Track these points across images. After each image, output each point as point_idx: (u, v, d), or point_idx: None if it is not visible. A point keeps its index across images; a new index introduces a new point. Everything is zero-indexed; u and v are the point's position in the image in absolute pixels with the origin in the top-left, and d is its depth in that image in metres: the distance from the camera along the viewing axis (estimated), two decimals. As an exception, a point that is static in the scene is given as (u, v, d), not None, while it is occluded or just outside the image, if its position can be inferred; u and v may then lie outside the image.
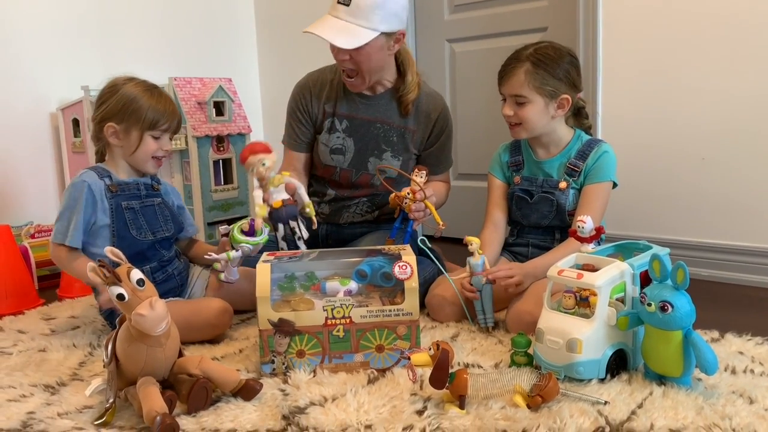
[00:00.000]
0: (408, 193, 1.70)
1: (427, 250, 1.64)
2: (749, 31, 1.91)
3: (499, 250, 1.79)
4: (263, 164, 1.57)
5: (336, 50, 1.78)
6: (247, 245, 1.57)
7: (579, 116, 1.78)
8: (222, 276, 1.64)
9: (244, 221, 1.60)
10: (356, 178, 1.96)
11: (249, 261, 1.74)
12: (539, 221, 1.75)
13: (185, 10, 3.02)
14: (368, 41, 1.73)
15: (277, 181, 1.60)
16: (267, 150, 1.59)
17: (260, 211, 1.58)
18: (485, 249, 1.68)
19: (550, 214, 1.72)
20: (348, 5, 1.71)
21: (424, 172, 1.74)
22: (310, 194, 2.03)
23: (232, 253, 1.58)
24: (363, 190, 1.98)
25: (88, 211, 1.59)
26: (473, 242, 1.58)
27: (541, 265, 1.58)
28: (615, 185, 1.71)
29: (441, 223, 1.70)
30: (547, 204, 1.72)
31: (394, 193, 1.74)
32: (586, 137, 1.74)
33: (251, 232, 1.59)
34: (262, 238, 1.59)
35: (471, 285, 1.60)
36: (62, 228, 1.59)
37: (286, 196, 1.64)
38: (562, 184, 1.70)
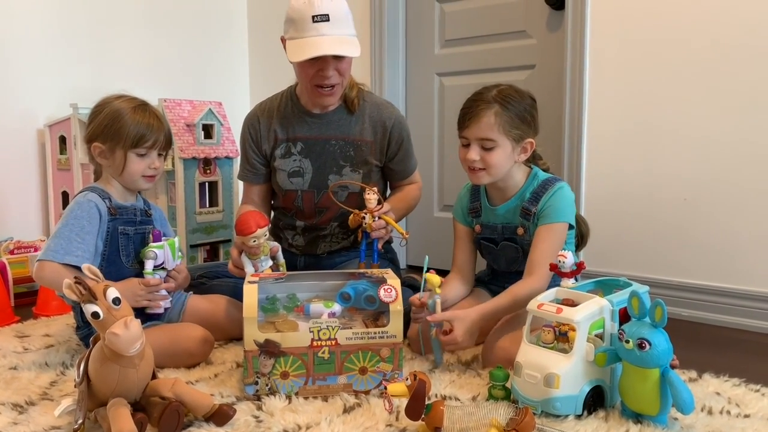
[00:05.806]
0: (365, 214, 1.71)
1: (425, 274, 1.56)
2: (731, 76, 1.96)
3: (461, 295, 1.74)
4: (265, 235, 1.58)
5: (326, 67, 1.75)
6: (152, 250, 1.58)
7: (535, 159, 1.71)
8: None
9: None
10: (319, 199, 1.93)
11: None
12: (509, 266, 1.72)
13: (179, 31, 3.04)
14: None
15: (266, 249, 1.59)
16: (267, 222, 1.61)
17: None
18: (446, 292, 1.63)
19: (518, 258, 1.68)
20: (329, 20, 1.70)
21: (375, 188, 1.73)
22: (281, 227, 2.04)
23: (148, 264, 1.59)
24: (329, 212, 1.94)
25: (95, 231, 1.55)
26: (431, 280, 1.51)
27: (486, 311, 1.54)
28: (571, 227, 1.62)
29: (404, 233, 1.69)
30: (512, 250, 1.69)
31: (352, 213, 1.74)
32: (543, 176, 1.66)
33: (156, 239, 1.61)
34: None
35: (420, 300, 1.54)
36: (58, 246, 1.50)
37: (270, 262, 1.64)
38: (520, 231, 1.65)
